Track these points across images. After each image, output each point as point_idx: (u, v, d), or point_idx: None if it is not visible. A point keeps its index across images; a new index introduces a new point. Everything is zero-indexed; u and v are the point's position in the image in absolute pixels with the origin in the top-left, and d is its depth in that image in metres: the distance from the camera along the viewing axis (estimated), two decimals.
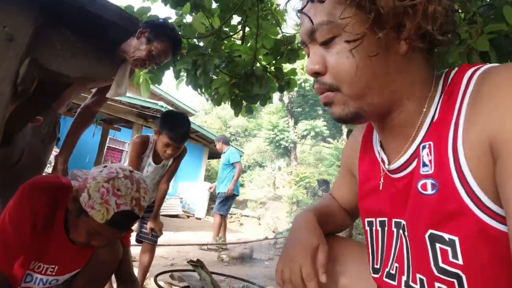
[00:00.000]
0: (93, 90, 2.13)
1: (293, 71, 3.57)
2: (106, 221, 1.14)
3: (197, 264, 2.13)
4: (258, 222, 11.04)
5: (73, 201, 1.19)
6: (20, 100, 0.55)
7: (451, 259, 0.56)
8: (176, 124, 2.05)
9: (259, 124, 24.29)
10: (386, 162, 0.70)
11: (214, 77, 3.37)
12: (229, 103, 3.59)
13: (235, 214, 11.24)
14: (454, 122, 0.56)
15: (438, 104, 0.60)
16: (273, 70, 3.45)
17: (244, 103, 3.56)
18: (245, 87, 3.37)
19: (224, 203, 5.50)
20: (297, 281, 0.74)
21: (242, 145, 22.69)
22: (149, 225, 2.33)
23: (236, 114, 3.63)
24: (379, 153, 0.74)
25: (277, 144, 21.08)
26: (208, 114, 26.24)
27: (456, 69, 0.62)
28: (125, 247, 1.48)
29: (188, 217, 10.41)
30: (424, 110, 0.61)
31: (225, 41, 3.41)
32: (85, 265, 1.34)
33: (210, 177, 15.19)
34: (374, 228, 0.74)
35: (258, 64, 3.38)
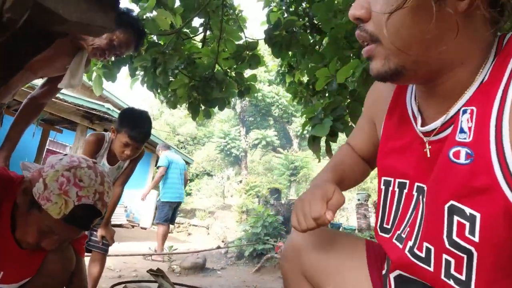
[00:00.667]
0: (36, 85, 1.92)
1: (254, 77, 3.55)
2: (63, 216, 0.99)
3: (158, 274, 1.98)
4: (206, 232, 10.82)
5: (23, 194, 1.02)
6: (2, 36, 0.43)
7: (467, 234, 0.53)
8: (137, 122, 1.90)
9: (210, 132, 24.08)
10: (419, 122, 0.65)
11: (172, 78, 3.24)
12: (187, 106, 3.48)
13: (183, 223, 10.93)
14: (503, 87, 0.50)
15: (490, 67, 0.54)
16: (234, 75, 3.40)
17: (202, 106, 3.46)
18: (204, 90, 3.28)
19: (159, 210, 5.18)
20: (309, 220, 0.71)
21: (191, 153, 22.30)
22: (100, 232, 2.14)
23: (194, 118, 3.52)
24: (412, 111, 0.67)
25: (228, 152, 21.01)
26: (156, 120, 25.51)
27: (511, 33, 0.56)
28: (78, 256, 1.31)
29: (133, 226, 9.93)
30: (477, 76, 0.55)
31: (185, 42, 3.31)
32: (34, 275, 1.16)
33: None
34: (391, 188, 0.70)
35: (219, 68, 3.31)
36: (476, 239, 0.52)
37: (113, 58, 2.82)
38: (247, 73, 3.57)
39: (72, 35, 1.64)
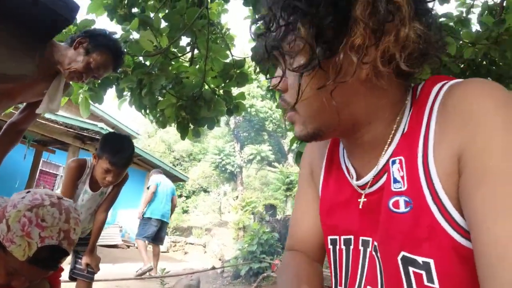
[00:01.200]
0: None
1: (242, 95, 3.53)
2: (27, 257, 0.96)
3: None
4: (203, 250, 10.66)
5: None
6: None
7: (426, 283, 0.52)
8: (118, 147, 1.85)
9: (204, 148, 24.03)
10: (354, 176, 0.66)
11: (160, 98, 3.22)
12: (175, 125, 3.44)
13: (179, 242, 10.77)
14: (423, 135, 0.54)
15: (408, 117, 0.58)
16: (222, 93, 3.38)
17: (191, 126, 3.43)
18: (192, 110, 3.26)
19: (139, 227, 5.55)
20: None
21: (186, 170, 22.18)
22: (85, 260, 2.09)
23: (183, 138, 3.48)
24: (346, 165, 0.69)
25: (223, 168, 20.93)
26: (151, 137, 25.44)
27: (423, 82, 0.60)
28: None
29: (128, 247, 9.79)
30: (395, 126, 0.59)
31: (173, 62, 3.29)
32: None
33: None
34: (338, 247, 0.68)
35: (206, 87, 3.29)
36: (436, 285, 0.51)
37: (99, 80, 2.81)
38: (238, 89, 3.55)
39: (49, 59, 1.62)
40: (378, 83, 0.54)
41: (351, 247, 0.65)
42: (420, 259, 0.52)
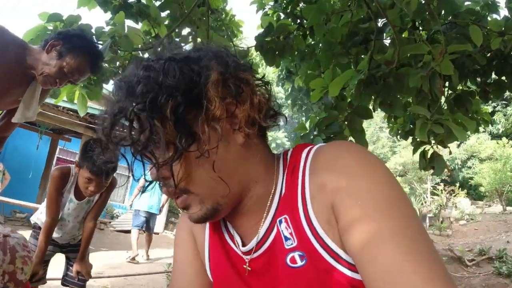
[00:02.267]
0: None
1: None
2: None
3: None
4: None
5: None
6: None
7: None
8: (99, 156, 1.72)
9: None
10: (240, 242, 0.67)
11: None
12: None
13: None
14: (300, 193, 0.60)
15: (283, 180, 0.63)
16: None
17: None
18: None
19: (132, 218, 6.43)
20: None
21: None
22: (75, 267, 2.02)
23: None
24: (229, 233, 0.70)
25: None
26: None
27: (291, 149, 0.67)
28: None
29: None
30: (272, 189, 0.63)
31: None
32: None
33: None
34: None
35: None
36: None
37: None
38: None
39: (23, 64, 1.49)
40: (252, 142, 0.61)
41: None
42: None
